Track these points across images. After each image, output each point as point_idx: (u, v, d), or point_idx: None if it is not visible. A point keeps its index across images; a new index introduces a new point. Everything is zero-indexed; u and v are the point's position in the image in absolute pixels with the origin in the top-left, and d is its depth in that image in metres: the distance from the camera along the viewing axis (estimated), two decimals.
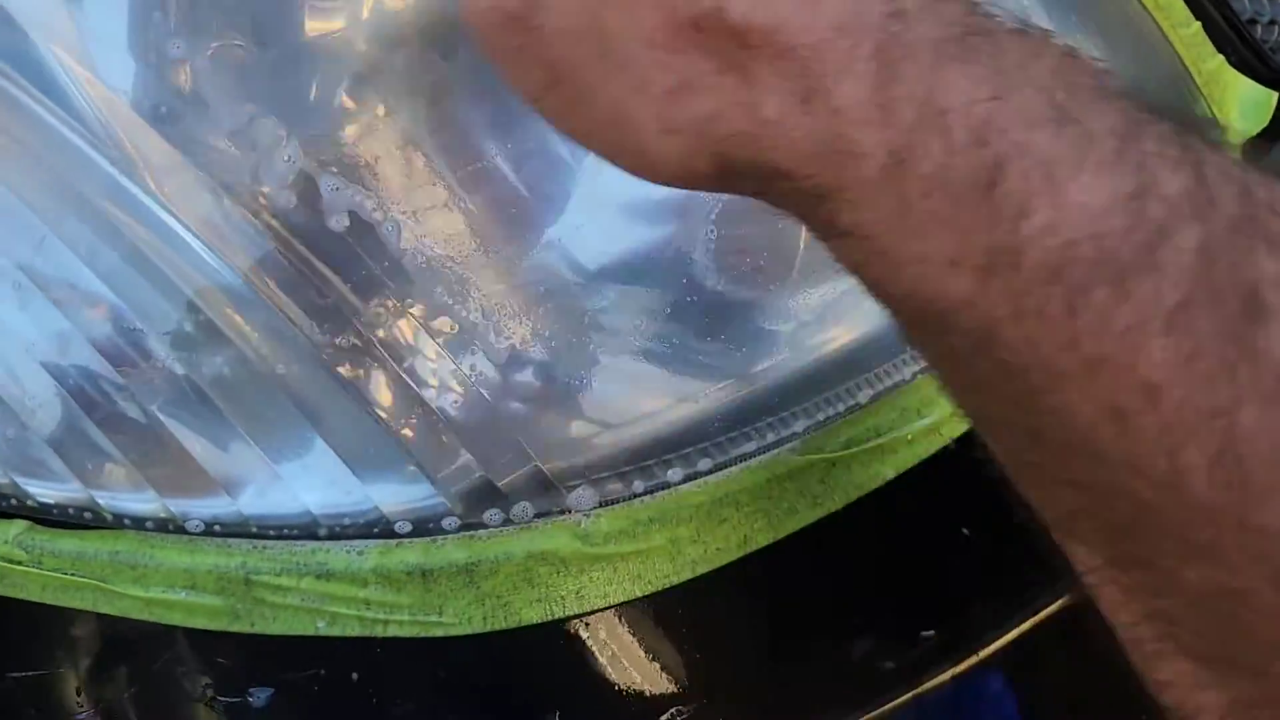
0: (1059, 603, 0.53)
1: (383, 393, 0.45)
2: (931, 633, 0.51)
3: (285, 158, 0.44)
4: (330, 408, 0.45)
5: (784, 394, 0.49)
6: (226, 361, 0.44)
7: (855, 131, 0.27)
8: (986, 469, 0.53)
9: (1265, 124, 0.69)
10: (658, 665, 0.46)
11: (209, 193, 0.42)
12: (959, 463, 0.52)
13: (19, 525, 0.44)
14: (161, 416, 0.44)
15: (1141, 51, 0.65)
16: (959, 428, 0.53)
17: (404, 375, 0.45)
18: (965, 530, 0.51)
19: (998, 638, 0.52)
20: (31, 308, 0.43)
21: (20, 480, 0.43)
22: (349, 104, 0.48)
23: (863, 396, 0.50)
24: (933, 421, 0.52)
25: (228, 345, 0.44)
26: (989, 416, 0.30)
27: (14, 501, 0.44)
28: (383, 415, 0.45)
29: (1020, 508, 0.31)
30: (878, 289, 0.30)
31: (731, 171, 0.30)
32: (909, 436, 0.51)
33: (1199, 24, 0.67)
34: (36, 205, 0.43)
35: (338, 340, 0.44)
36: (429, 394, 0.45)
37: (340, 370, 0.44)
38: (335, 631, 0.43)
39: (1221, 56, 0.68)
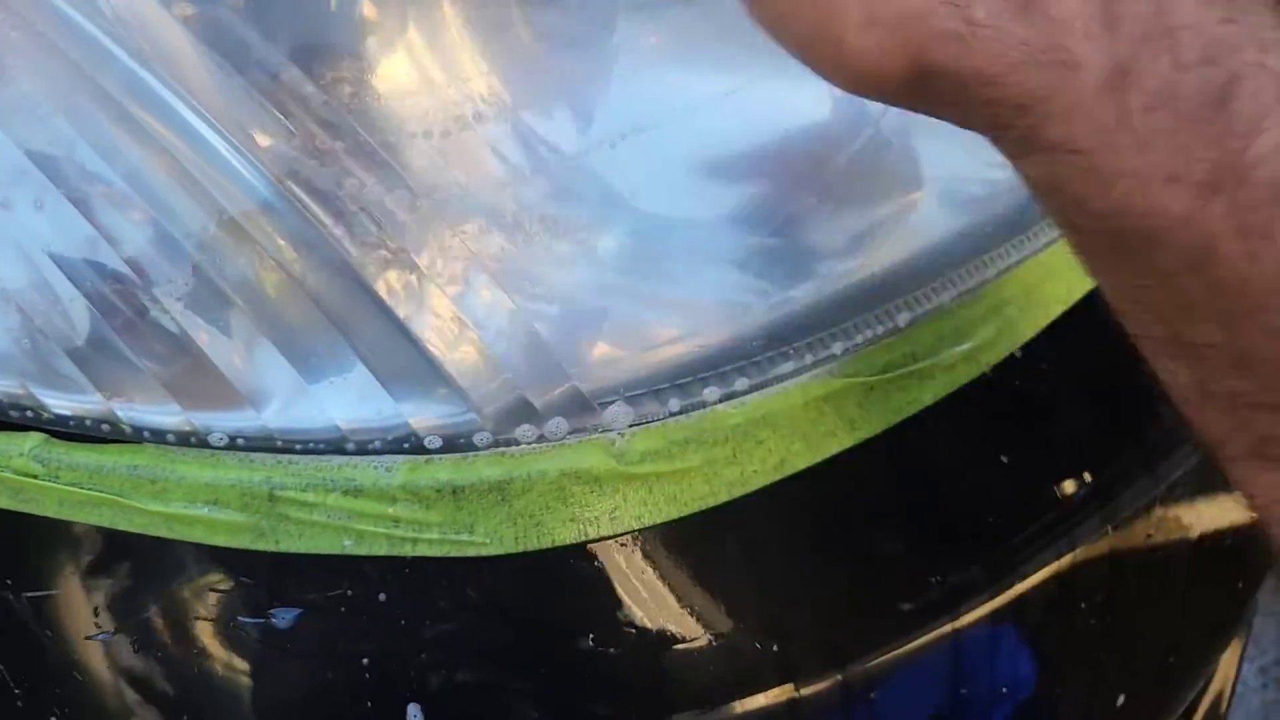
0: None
1: (419, 309, 0.43)
2: (968, 570, 0.50)
3: (319, 63, 0.42)
4: (362, 321, 0.43)
5: (821, 314, 0.48)
6: (255, 269, 0.42)
7: (1075, 43, 0.27)
8: (1025, 398, 0.52)
9: None
10: (692, 590, 0.45)
11: (239, 91, 0.41)
12: (997, 391, 0.51)
13: (35, 438, 0.42)
14: (186, 325, 0.42)
15: None
16: (997, 354, 0.51)
17: (443, 292, 0.43)
18: (1004, 458, 0.50)
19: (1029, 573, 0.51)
20: (55, 210, 0.42)
21: (37, 390, 0.42)
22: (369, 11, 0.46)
23: (901, 319, 0.49)
24: (971, 348, 0.51)
25: (257, 253, 0.42)
26: (1188, 339, 0.30)
27: (30, 413, 0.42)
28: (417, 332, 0.43)
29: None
30: (1078, 208, 0.29)
31: (927, 76, 0.29)
32: (947, 363, 0.50)
33: None
34: (61, 103, 0.41)
35: (374, 253, 0.43)
36: (467, 311, 0.43)
37: (375, 284, 0.43)
38: (362, 550, 0.42)
39: None
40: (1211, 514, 0.56)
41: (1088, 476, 0.52)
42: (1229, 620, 0.66)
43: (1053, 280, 0.54)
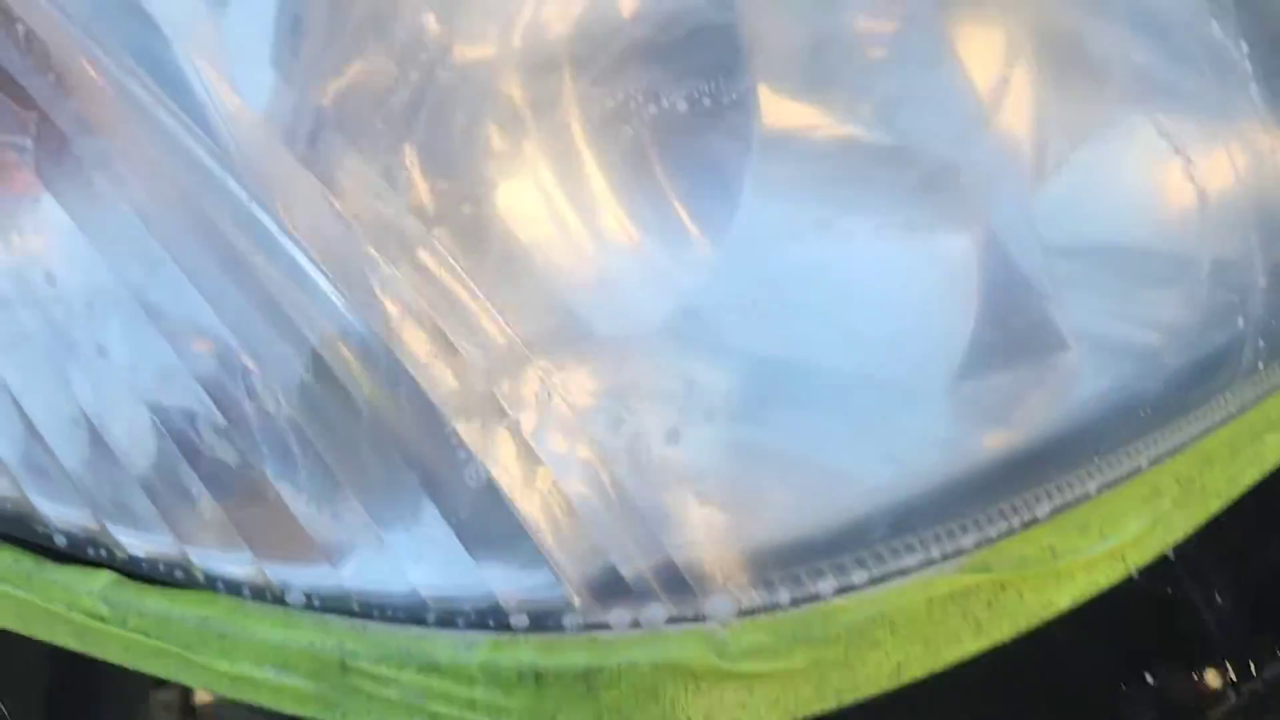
0: None
1: (507, 460, 0.40)
2: None
3: (429, 196, 0.40)
4: (447, 472, 0.40)
5: (953, 500, 0.43)
6: (341, 413, 0.40)
7: None
8: (1174, 606, 0.47)
9: None
10: None
11: (345, 229, 0.38)
12: (1143, 596, 0.46)
13: (106, 577, 0.40)
14: (265, 468, 0.40)
15: None
16: (1146, 554, 0.46)
17: (531, 443, 0.40)
18: (1148, 676, 0.45)
19: None
20: (138, 338, 0.40)
21: (112, 526, 0.40)
22: (498, 142, 0.44)
23: (1041, 510, 0.44)
24: (1116, 545, 0.46)
25: (345, 396, 0.40)
26: None
27: (104, 551, 0.40)
28: (501, 484, 0.40)
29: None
30: None
31: None
32: (1088, 560, 0.45)
33: None
34: (156, 226, 0.39)
35: (465, 399, 0.40)
36: (559, 466, 0.40)
37: (463, 432, 0.40)
38: None
39: None
40: None
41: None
42: None
43: (1212, 470, 0.49)
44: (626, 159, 0.45)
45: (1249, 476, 0.50)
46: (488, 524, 0.40)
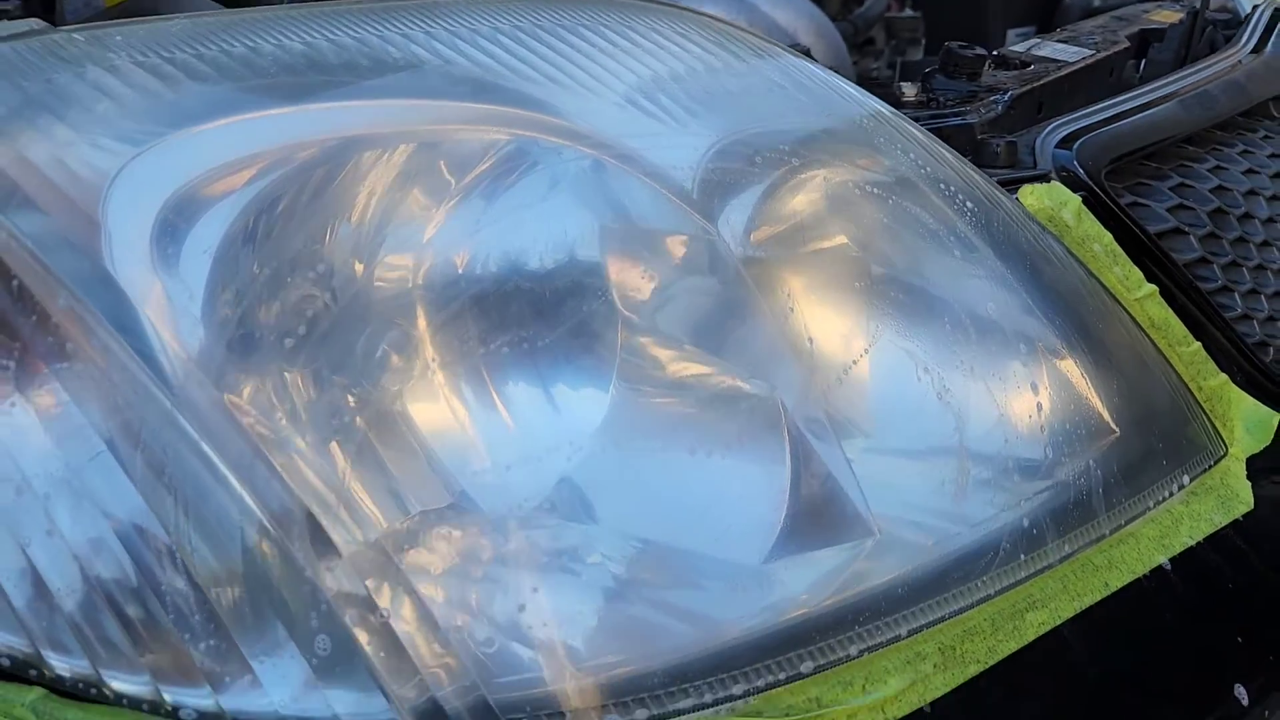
0: None
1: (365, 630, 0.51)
2: None
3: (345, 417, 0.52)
4: (306, 623, 0.51)
5: (724, 656, 0.53)
6: (240, 577, 0.50)
7: None
8: None
9: (1268, 443, 0.71)
10: None
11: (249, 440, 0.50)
12: None
13: (37, 692, 0.51)
14: (169, 619, 0.50)
15: (1139, 369, 0.69)
16: (905, 708, 0.55)
17: (373, 592, 0.51)
18: None
19: None
20: (76, 512, 0.51)
21: (44, 652, 0.51)
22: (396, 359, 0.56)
23: (805, 667, 0.54)
24: (878, 699, 0.55)
25: (236, 564, 0.50)
26: None
27: (33, 671, 0.51)
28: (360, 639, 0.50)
29: None
30: None
31: None
32: (850, 711, 0.54)
33: (1199, 344, 0.71)
34: (97, 424, 0.51)
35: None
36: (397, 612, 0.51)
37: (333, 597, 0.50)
38: None
39: (1225, 376, 0.71)
40: None
41: None
42: None
43: (973, 640, 0.58)
44: (516, 369, 0.57)
45: (1007, 648, 0.59)
46: (336, 660, 0.50)
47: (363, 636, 0.50)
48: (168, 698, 0.50)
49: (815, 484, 0.59)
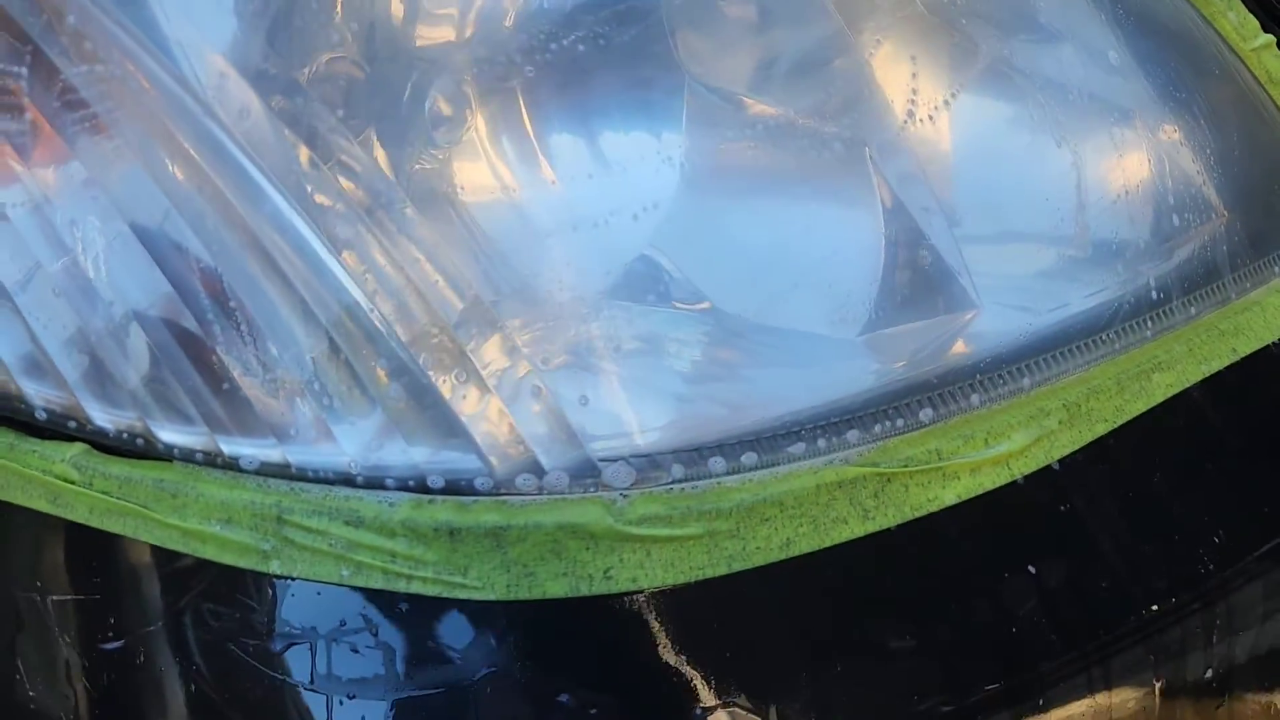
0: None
1: (450, 374, 0.45)
2: (996, 686, 0.48)
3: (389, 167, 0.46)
4: (394, 382, 0.45)
5: (839, 404, 0.48)
6: (311, 344, 0.45)
7: None
8: (1057, 510, 0.50)
9: None
10: (682, 660, 0.44)
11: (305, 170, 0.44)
12: (1028, 499, 0.50)
13: (77, 447, 0.45)
14: (241, 380, 0.45)
15: (1259, 127, 0.64)
16: (1031, 464, 0.50)
17: (473, 359, 0.45)
18: (1031, 569, 0.48)
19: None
20: (138, 267, 0.45)
21: (86, 404, 0.45)
22: (444, 108, 0.50)
23: (924, 415, 0.49)
24: (1001, 453, 0.50)
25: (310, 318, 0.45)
26: None
27: (74, 424, 0.45)
28: (443, 392, 0.45)
29: None
30: None
31: None
32: (973, 464, 0.49)
33: None
34: (162, 179, 0.45)
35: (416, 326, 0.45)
36: (490, 374, 0.45)
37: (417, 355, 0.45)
38: (359, 581, 0.43)
39: None
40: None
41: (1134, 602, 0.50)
42: None
43: (1099, 398, 0.53)
44: (576, 127, 0.51)
45: (1135, 408, 0.53)
46: (424, 417, 0.45)
47: (445, 387, 0.45)
48: (225, 448, 0.45)
49: (913, 250, 0.53)
